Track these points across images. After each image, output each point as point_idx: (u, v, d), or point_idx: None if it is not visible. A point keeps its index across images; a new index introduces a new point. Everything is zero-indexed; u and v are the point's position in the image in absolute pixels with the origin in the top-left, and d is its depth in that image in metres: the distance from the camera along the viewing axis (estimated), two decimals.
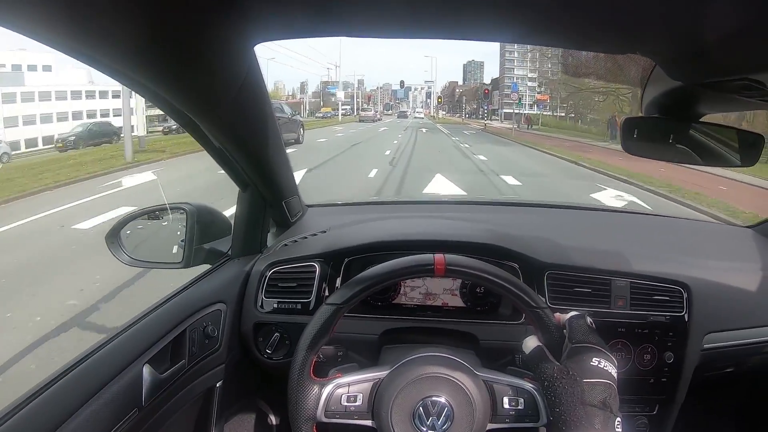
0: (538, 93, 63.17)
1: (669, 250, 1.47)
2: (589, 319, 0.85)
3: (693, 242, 1.62)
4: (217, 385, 1.16)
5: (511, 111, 62.94)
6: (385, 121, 43.61)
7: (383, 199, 2.14)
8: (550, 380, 0.78)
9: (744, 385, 1.68)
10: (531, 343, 0.85)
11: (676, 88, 0.82)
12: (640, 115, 0.98)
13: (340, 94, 66.85)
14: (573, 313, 0.86)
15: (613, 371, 0.78)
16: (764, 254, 1.55)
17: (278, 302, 1.21)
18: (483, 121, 53.48)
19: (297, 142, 16.88)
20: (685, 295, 1.26)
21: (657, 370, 1.24)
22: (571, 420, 0.73)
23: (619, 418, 0.74)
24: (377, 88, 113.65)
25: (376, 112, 48.56)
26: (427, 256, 0.90)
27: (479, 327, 1.20)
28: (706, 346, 1.28)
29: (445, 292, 1.27)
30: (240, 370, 1.23)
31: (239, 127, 0.95)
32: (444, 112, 75.77)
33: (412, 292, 1.27)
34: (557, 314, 0.88)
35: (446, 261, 0.89)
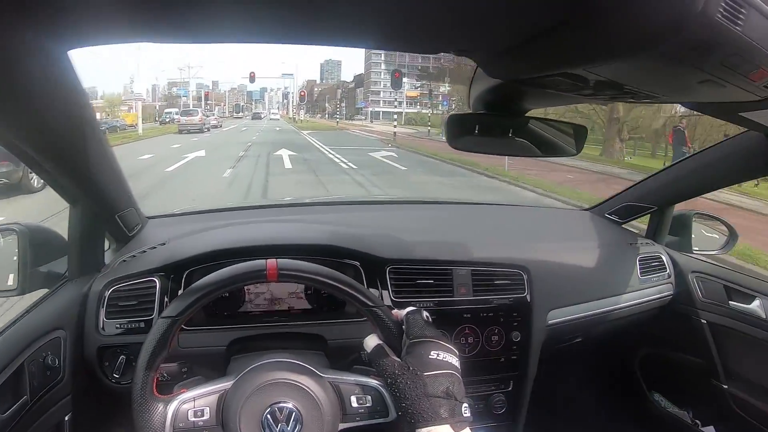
0: (410, 89, 59.90)
1: (509, 236, 1.60)
2: (425, 313, 0.85)
3: (533, 227, 1.75)
4: (66, 418, 1.06)
5: (381, 111, 59.26)
6: (226, 129, 30.25)
7: (226, 206, 1.85)
8: (392, 377, 0.78)
9: (594, 352, 1.89)
10: (371, 341, 0.84)
11: (498, 85, 0.85)
12: (467, 111, 1.00)
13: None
14: (410, 308, 0.86)
15: (454, 360, 0.79)
16: (599, 233, 1.72)
17: (121, 322, 1.14)
18: (356, 122, 49.55)
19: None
20: (525, 277, 1.36)
21: (506, 349, 1.33)
22: (418, 413, 0.74)
23: (465, 404, 0.76)
24: (231, 89, 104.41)
25: (209, 116, 33.27)
26: (259, 262, 0.89)
27: (326, 327, 1.20)
28: (550, 321, 1.38)
29: (290, 296, 1.26)
30: (91, 399, 1.14)
31: (56, 138, 0.85)
32: (304, 112, 64.70)
33: (258, 299, 1.25)
34: (395, 311, 0.88)
35: (278, 266, 0.88)
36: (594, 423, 1.92)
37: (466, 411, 0.76)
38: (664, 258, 1.71)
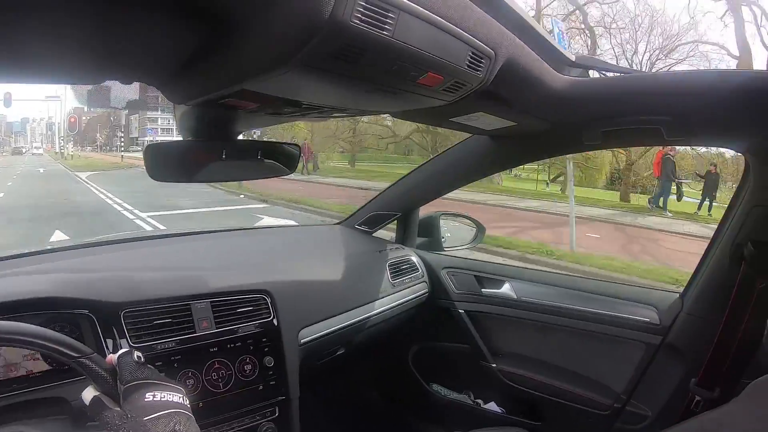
0: None
1: (252, 261, 1.55)
2: (136, 354, 0.81)
3: (279, 249, 1.75)
4: None
5: (160, 139, 59.36)
6: None
7: None
8: (114, 428, 0.72)
9: (366, 358, 1.92)
10: (88, 394, 0.78)
11: (191, 109, 0.85)
12: (178, 139, 0.98)
13: None
14: (121, 351, 0.81)
15: (175, 398, 0.76)
16: (347, 245, 1.78)
17: None
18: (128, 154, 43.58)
19: None
20: (269, 301, 1.36)
21: (262, 376, 1.31)
22: None
23: None
24: None
25: None
26: None
27: (69, 387, 1.10)
28: (303, 340, 1.40)
29: (25, 358, 1.13)
30: None
31: None
32: (72, 145, 50.53)
33: None
34: (109, 356, 0.82)
35: None
36: (380, 424, 2.02)
37: None
38: (414, 259, 1.87)
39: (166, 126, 62.49)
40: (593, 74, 1.07)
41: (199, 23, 0.53)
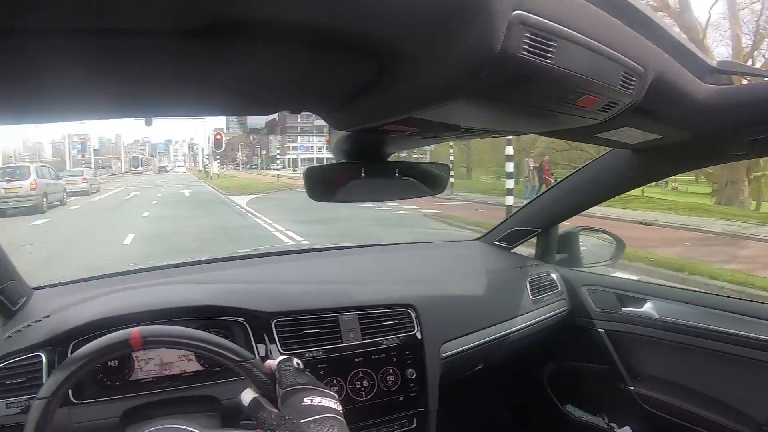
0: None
1: (395, 275, 1.59)
2: (295, 361, 0.85)
3: (420, 264, 1.77)
4: None
5: (300, 158, 55.80)
6: (99, 198, 19.95)
7: (111, 272, 1.68)
8: (271, 428, 0.76)
9: (502, 375, 1.93)
10: (247, 396, 0.82)
11: (351, 134, 0.86)
12: (329, 162, 1.05)
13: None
14: (280, 358, 0.86)
15: (330, 403, 0.78)
16: (487, 261, 1.80)
17: (11, 402, 1.07)
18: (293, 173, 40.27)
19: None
20: (413, 315, 1.38)
21: (403, 388, 1.34)
22: None
23: None
24: (135, 141, 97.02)
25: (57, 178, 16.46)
26: (123, 333, 0.87)
27: (219, 387, 1.18)
28: (444, 354, 1.41)
29: (180, 359, 1.21)
30: None
31: None
32: (218, 164, 45.70)
33: (147, 366, 1.19)
34: (267, 362, 0.87)
35: (142, 334, 0.86)
36: None
37: None
38: (554, 276, 1.81)
39: (306, 144, 59.66)
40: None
41: (371, 59, 0.55)
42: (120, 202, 17.63)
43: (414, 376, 1.35)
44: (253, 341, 1.23)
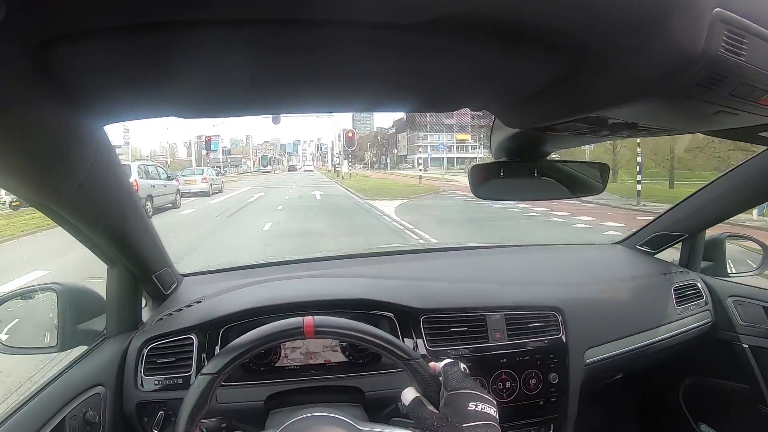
0: (460, 131, 51.93)
1: (540, 277, 1.58)
2: (462, 365, 0.86)
3: (564, 266, 1.75)
4: None
5: (431, 157, 51.31)
6: (218, 201, 17.46)
7: (261, 262, 1.89)
8: (431, 429, 0.78)
9: (637, 386, 1.89)
10: (409, 394, 0.84)
11: (518, 132, 0.87)
12: (489, 160, 1.05)
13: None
14: (447, 360, 0.87)
15: (492, 411, 0.79)
16: (631, 266, 1.74)
17: (159, 379, 1.19)
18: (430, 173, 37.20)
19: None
20: (560, 318, 1.37)
21: (545, 392, 1.32)
22: None
23: None
24: (264, 142, 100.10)
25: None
26: (296, 320, 0.90)
27: (363, 379, 1.22)
28: (588, 361, 1.38)
29: (325, 349, 1.27)
30: None
31: (94, 207, 0.90)
32: (348, 163, 41.41)
33: (293, 354, 1.27)
34: (432, 363, 0.89)
35: (315, 323, 0.89)
36: None
37: None
38: (699, 285, 1.72)
39: (436, 143, 54.87)
40: None
41: (564, 56, 0.54)
42: (240, 207, 15.08)
43: (557, 381, 1.32)
44: (399, 336, 1.24)
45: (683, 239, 1.79)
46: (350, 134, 26.35)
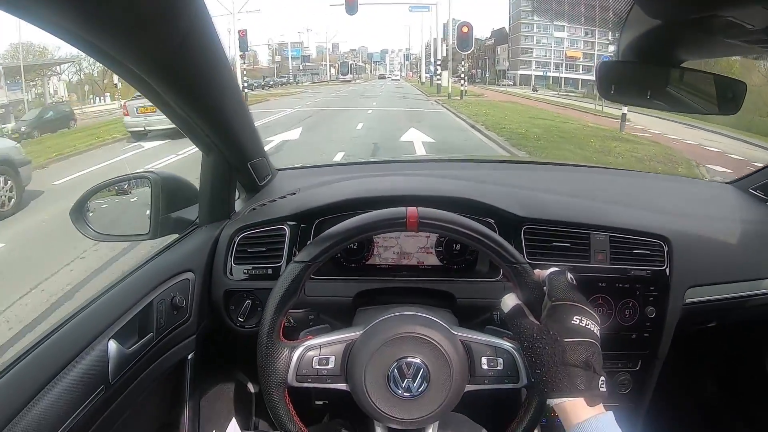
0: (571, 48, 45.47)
1: (649, 204, 1.48)
2: (569, 275, 0.82)
3: (673, 197, 1.64)
4: (189, 357, 1.15)
5: (537, 74, 45.98)
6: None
7: (354, 161, 2.07)
8: (530, 340, 0.77)
9: (726, 339, 1.73)
10: (510, 301, 0.83)
11: (654, 28, 0.80)
12: (617, 59, 0.96)
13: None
14: (553, 269, 0.84)
15: (596, 329, 0.77)
16: (743, 209, 1.58)
17: (248, 268, 1.20)
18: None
19: None
20: (665, 249, 1.27)
21: (639, 326, 1.26)
22: (553, 381, 0.73)
23: (603, 378, 0.74)
24: (351, 50, 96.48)
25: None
26: (399, 210, 0.88)
27: (456, 285, 1.20)
28: (687, 300, 1.30)
29: (419, 250, 1.26)
30: (214, 340, 1.23)
31: (190, 83, 0.89)
32: (458, 77, 30.26)
33: (386, 252, 1.27)
34: (537, 270, 0.87)
35: (419, 214, 0.87)
36: (717, 420, 1.80)
37: (603, 385, 0.73)
38: None
39: (541, 59, 48.62)
40: None
41: None
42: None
43: (653, 315, 1.25)
44: None
45: None
46: (465, 29, 18.72)
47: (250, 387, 1.47)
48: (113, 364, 0.87)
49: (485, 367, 0.86)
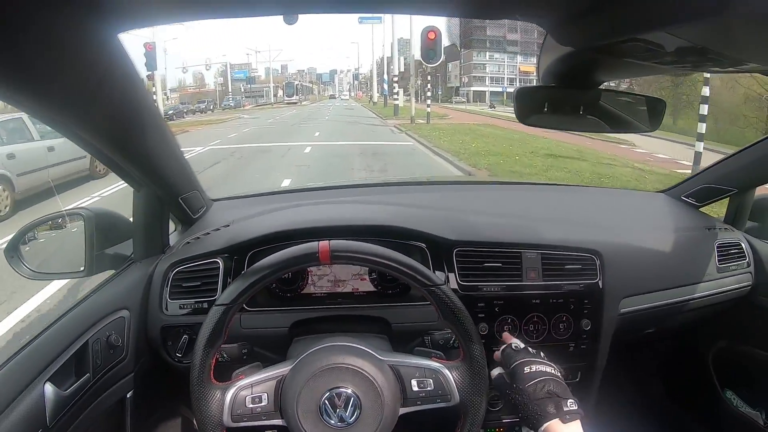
0: (525, 62, 44.12)
1: (580, 218, 1.50)
2: (513, 344, 0.97)
3: (605, 210, 1.66)
4: (128, 395, 1.12)
5: (495, 89, 44.27)
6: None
7: (291, 188, 1.98)
8: (511, 396, 0.89)
9: (666, 344, 1.81)
10: (495, 371, 0.96)
11: (569, 54, 0.81)
12: (536, 84, 0.97)
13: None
14: (502, 347, 0.98)
15: (547, 369, 0.90)
16: (675, 217, 1.61)
17: (184, 303, 1.18)
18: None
19: None
20: (598, 262, 1.29)
21: (575, 338, 1.28)
22: (533, 415, 0.85)
23: (571, 400, 0.85)
24: (298, 71, 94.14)
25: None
26: (311, 245, 0.88)
27: (390, 310, 1.20)
28: (622, 310, 1.32)
29: (353, 277, 1.25)
30: (154, 377, 1.21)
31: (114, 125, 0.86)
32: (403, 94, 28.27)
33: (320, 281, 1.25)
34: (496, 353, 0.99)
35: (331, 247, 0.87)
36: (660, 418, 1.85)
37: (572, 405, 0.85)
38: (743, 245, 1.60)
39: (495, 74, 47.10)
40: None
41: None
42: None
43: (589, 327, 1.27)
44: (431, 268, 1.20)
45: (731, 195, 1.63)
46: (432, 35, 13.85)
47: (196, 423, 1.37)
48: (50, 407, 0.86)
49: (416, 388, 0.90)
